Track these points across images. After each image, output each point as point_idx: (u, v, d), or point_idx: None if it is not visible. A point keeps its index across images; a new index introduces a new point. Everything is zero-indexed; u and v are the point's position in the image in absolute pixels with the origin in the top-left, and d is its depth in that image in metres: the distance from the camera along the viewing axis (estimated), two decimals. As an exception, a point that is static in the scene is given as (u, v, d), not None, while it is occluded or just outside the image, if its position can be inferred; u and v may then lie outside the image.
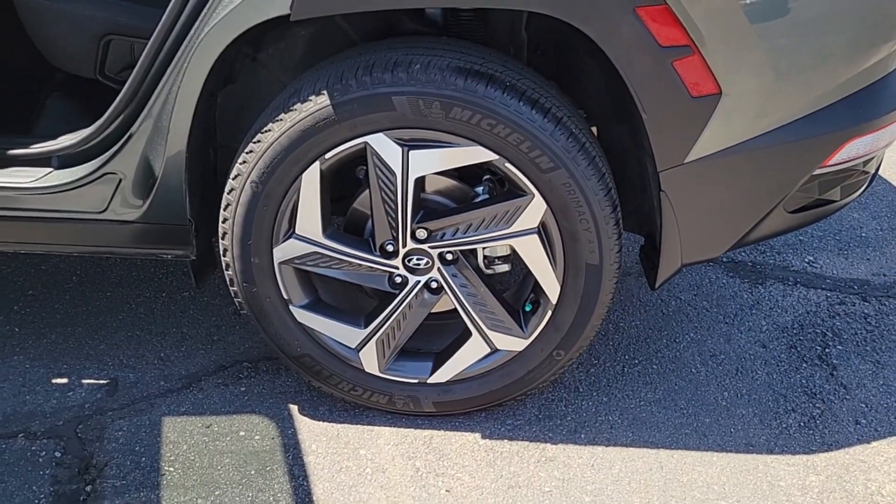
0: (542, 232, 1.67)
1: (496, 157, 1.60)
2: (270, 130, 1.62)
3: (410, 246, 1.71)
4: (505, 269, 1.76)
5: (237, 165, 1.67)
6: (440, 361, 1.83)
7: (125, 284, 2.28)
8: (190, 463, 1.76)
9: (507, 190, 1.71)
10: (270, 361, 2.03)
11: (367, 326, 1.79)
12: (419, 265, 1.73)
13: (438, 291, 1.76)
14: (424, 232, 1.69)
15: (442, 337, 1.87)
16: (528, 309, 1.79)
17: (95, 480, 1.72)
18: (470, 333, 1.79)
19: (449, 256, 1.72)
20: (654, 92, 1.52)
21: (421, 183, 1.66)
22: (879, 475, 1.76)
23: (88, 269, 2.32)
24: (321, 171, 1.64)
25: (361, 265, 1.74)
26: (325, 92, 1.57)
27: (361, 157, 1.65)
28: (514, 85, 1.58)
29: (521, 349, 1.79)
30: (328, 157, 1.63)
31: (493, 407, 1.89)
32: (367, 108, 1.57)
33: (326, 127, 1.59)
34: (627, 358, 2.07)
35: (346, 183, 1.77)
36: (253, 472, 1.75)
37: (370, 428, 1.86)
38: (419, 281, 1.75)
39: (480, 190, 1.73)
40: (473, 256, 1.75)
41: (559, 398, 1.94)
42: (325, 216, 1.69)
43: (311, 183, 1.65)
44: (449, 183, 1.72)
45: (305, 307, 1.79)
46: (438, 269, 1.73)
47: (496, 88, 1.56)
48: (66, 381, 1.97)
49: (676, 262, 1.71)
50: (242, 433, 1.84)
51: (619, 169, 1.77)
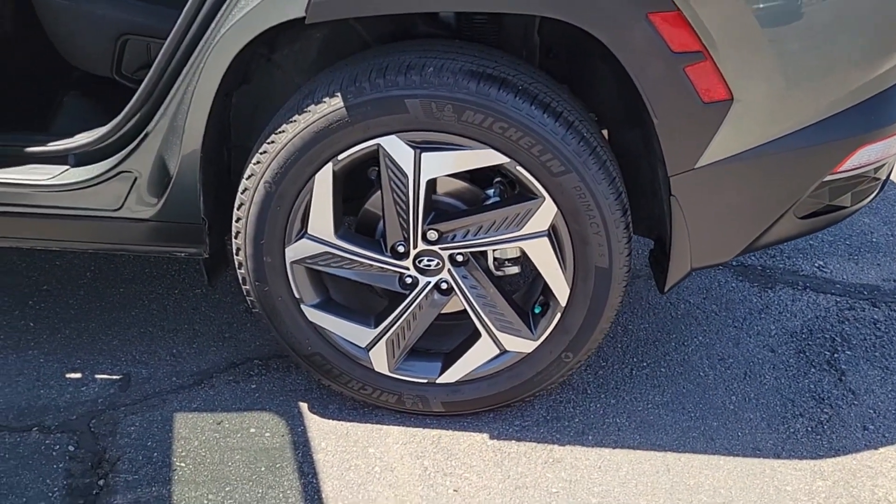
0: (552, 235, 1.68)
1: (507, 160, 1.61)
2: (284, 131, 1.64)
3: (421, 247, 1.72)
4: (515, 271, 1.77)
5: (251, 166, 1.69)
6: (449, 362, 1.84)
7: (138, 281, 2.30)
8: (201, 459, 1.78)
9: (517, 193, 1.73)
10: (281, 359, 2.05)
11: (377, 326, 1.81)
12: (430, 266, 1.74)
13: (448, 292, 1.77)
14: (435, 233, 1.71)
15: (451, 337, 1.89)
16: (537, 311, 1.80)
17: (108, 475, 1.74)
18: (479, 335, 1.80)
19: (459, 258, 1.74)
20: (665, 97, 1.53)
21: (432, 185, 1.68)
22: (886, 481, 1.77)
23: (102, 265, 2.34)
24: (334, 172, 1.66)
25: (372, 265, 1.75)
26: (338, 94, 1.59)
27: (374, 158, 1.66)
28: (526, 89, 1.59)
29: (529, 351, 1.80)
30: (341, 158, 1.64)
31: (501, 408, 1.90)
32: (380, 110, 1.58)
33: (340, 129, 1.61)
34: (636, 360, 2.07)
35: (357, 184, 1.79)
36: (263, 468, 1.77)
37: (379, 427, 1.88)
38: (429, 282, 1.76)
39: (491, 192, 1.74)
40: (484, 258, 1.76)
41: (567, 400, 1.95)
42: (337, 217, 1.71)
43: (323, 184, 1.67)
44: (460, 185, 1.74)
45: (316, 306, 1.81)
46: (449, 270, 1.75)
47: (508, 92, 1.57)
48: (79, 375, 2.00)
49: (686, 266, 1.72)
50: (253, 430, 1.86)
51: (629, 173, 1.77)
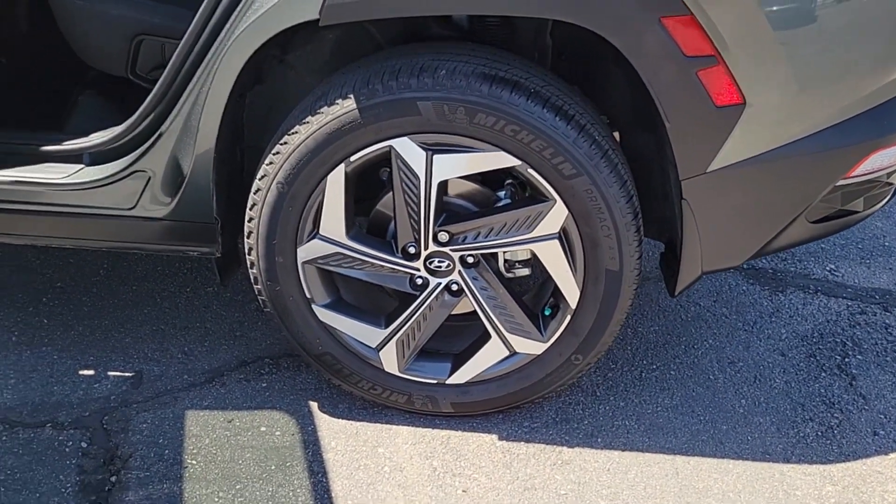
0: (562, 237, 1.69)
1: (519, 162, 1.62)
2: (297, 133, 1.65)
3: (432, 248, 1.73)
4: (525, 272, 1.77)
5: (264, 166, 1.70)
6: (459, 363, 1.85)
7: (150, 279, 2.32)
8: (212, 456, 1.80)
9: (528, 195, 1.73)
10: (291, 358, 2.06)
11: (387, 326, 1.82)
12: (440, 267, 1.75)
13: (459, 294, 1.78)
14: (446, 235, 1.71)
15: (461, 338, 1.89)
16: (547, 313, 1.81)
17: (120, 471, 1.76)
18: (489, 336, 1.81)
19: (470, 259, 1.74)
20: (678, 101, 1.53)
21: (444, 187, 1.68)
22: (897, 487, 1.76)
23: (115, 263, 2.36)
24: (346, 173, 1.67)
25: (383, 266, 1.76)
26: (351, 96, 1.59)
27: (385, 159, 1.67)
28: (538, 91, 1.59)
29: (539, 353, 1.81)
30: (353, 159, 1.65)
31: (510, 409, 1.90)
32: (392, 112, 1.59)
33: (352, 130, 1.61)
34: (645, 363, 2.07)
35: (369, 184, 1.79)
36: (273, 467, 1.78)
37: (388, 427, 1.88)
38: (440, 283, 1.77)
39: (502, 194, 1.75)
40: (494, 260, 1.77)
41: (576, 402, 1.96)
42: (348, 217, 1.72)
43: (335, 185, 1.67)
44: (471, 187, 1.74)
45: (327, 306, 1.82)
46: (459, 271, 1.75)
47: (520, 95, 1.57)
48: (92, 372, 2.01)
49: (697, 269, 1.72)
50: (263, 428, 1.87)
51: (641, 175, 1.77)
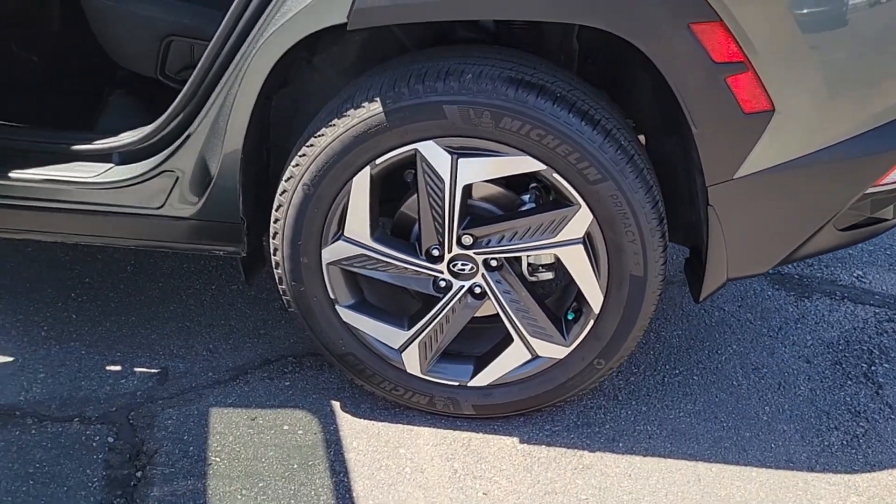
0: (587, 242, 1.68)
1: (544, 167, 1.62)
2: (323, 135, 1.66)
3: (456, 251, 1.73)
4: (549, 276, 1.77)
5: (290, 168, 1.71)
6: (481, 365, 1.86)
7: (176, 276, 2.34)
8: (235, 454, 1.82)
9: (553, 199, 1.73)
10: (314, 357, 2.08)
11: (410, 328, 1.83)
12: (464, 270, 1.75)
13: (482, 297, 1.78)
14: (470, 238, 1.72)
15: (483, 341, 1.90)
16: (570, 317, 1.80)
17: (146, 467, 1.78)
18: (511, 339, 1.81)
19: (493, 263, 1.75)
20: (705, 107, 1.52)
21: (468, 190, 1.69)
22: (923, 499, 1.74)
23: (142, 260, 2.39)
24: (371, 175, 1.67)
25: (407, 268, 1.77)
26: (377, 99, 1.60)
27: (411, 161, 1.68)
28: (564, 96, 1.59)
29: (561, 357, 1.80)
30: (378, 162, 1.66)
31: (531, 412, 1.91)
32: (418, 116, 1.60)
33: (378, 133, 1.62)
34: (668, 368, 2.07)
35: (393, 186, 1.80)
36: (296, 465, 1.79)
37: (410, 427, 1.89)
38: (463, 286, 1.77)
39: (527, 198, 1.75)
40: (518, 263, 1.77)
41: (598, 406, 1.95)
42: (373, 219, 1.73)
43: (361, 187, 1.68)
44: (496, 190, 1.74)
45: (351, 307, 1.83)
46: (483, 274, 1.75)
47: (546, 99, 1.57)
48: (119, 368, 2.04)
49: (722, 276, 1.71)
50: (286, 427, 1.89)
51: (667, 179, 1.77)
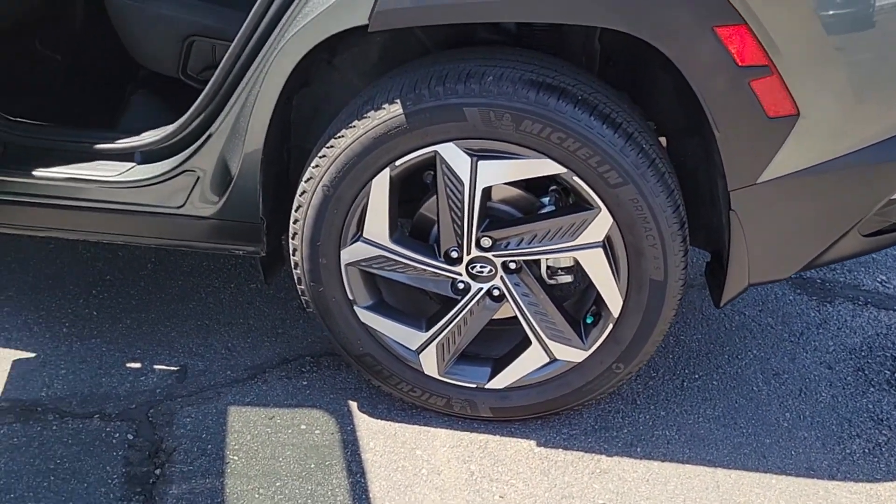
0: (606, 246, 1.67)
1: (564, 170, 1.61)
2: (343, 136, 1.66)
3: (474, 254, 1.73)
4: (567, 280, 1.76)
5: (309, 169, 1.72)
6: (499, 367, 1.85)
7: (196, 274, 2.36)
8: (253, 453, 1.82)
9: (573, 202, 1.72)
10: (332, 357, 2.08)
11: (428, 330, 1.82)
12: (482, 273, 1.75)
13: (500, 299, 1.78)
14: (489, 240, 1.71)
15: (501, 343, 1.89)
16: (588, 321, 1.79)
17: (164, 464, 1.80)
18: (529, 342, 1.80)
19: (512, 265, 1.74)
20: (729, 111, 1.50)
21: (488, 192, 1.68)
22: (946, 509, 1.72)
23: (162, 257, 2.41)
24: (391, 177, 1.67)
25: (425, 270, 1.77)
26: (398, 101, 1.60)
27: (430, 163, 1.67)
28: (585, 99, 1.58)
29: (580, 360, 1.80)
30: (398, 164, 1.66)
31: (549, 415, 1.90)
32: (438, 118, 1.59)
33: (398, 135, 1.62)
34: (687, 372, 2.05)
35: (412, 186, 1.80)
36: (313, 465, 1.80)
37: (427, 429, 1.89)
38: (481, 288, 1.77)
39: (546, 200, 1.74)
40: (536, 266, 1.76)
41: (616, 410, 1.94)
42: (392, 221, 1.73)
43: (380, 188, 1.68)
44: (515, 192, 1.74)
45: (369, 308, 1.83)
46: (501, 277, 1.75)
47: (567, 102, 1.56)
48: (139, 365, 2.06)
49: (743, 281, 1.69)
50: (304, 427, 1.89)
51: (688, 182, 1.75)
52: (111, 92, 2.23)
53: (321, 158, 1.69)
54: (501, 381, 1.84)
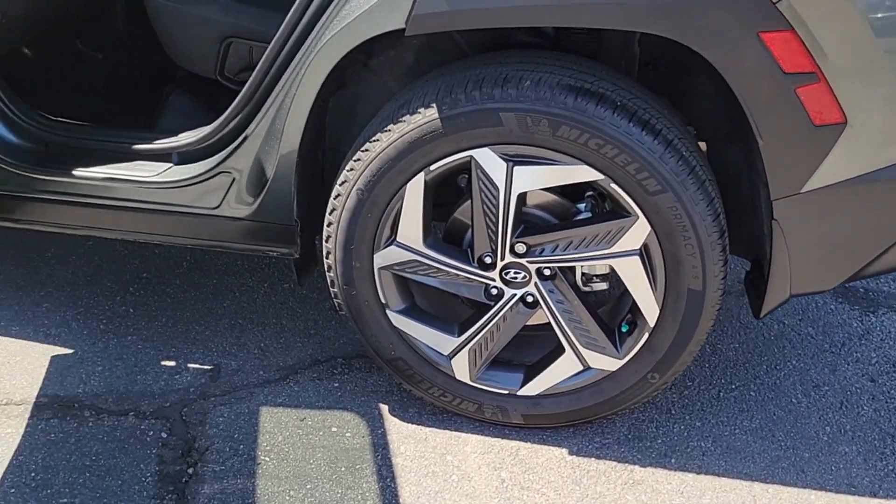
0: (643, 254, 1.64)
1: (602, 177, 1.58)
2: (378, 140, 1.65)
3: (508, 259, 1.71)
4: (603, 287, 1.74)
5: (344, 172, 1.71)
6: (531, 374, 1.83)
7: (230, 273, 2.38)
8: (284, 454, 1.83)
9: (610, 209, 1.69)
10: (363, 359, 2.08)
11: (460, 335, 1.81)
12: (516, 279, 1.73)
13: (534, 306, 1.76)
14: (524, 246, 1.69)
15: (534, 349, 1.87)
16: (624, 329, 1.77)
17: (197, 464, 1.81)
18: (563, 349, 1.78)
19: (547, 272, 1.72)
20: (773, 119, 1.46)
21: (523, 198, 1.66)
22: None
23: (197, 256, 2.43)
24: (425, 181, 1.66)
25: (459, 275, 1.75)
26: (434, 105, 1.59)
27: (465, 167, 1.66)
28: (624, 105, 1.55)
29: (614, 369, 1.77)
30: (433, 168, 1.65)
31: (581, 423, 1.87)
32: (474, 122, 1.58)
33: (433, 139, 1.61)
34: (724, 382, 2.01)
35: (446, 190, 1.79)
36: (343, 468, 1.80)
37: (457, 434, 1.88)
38: (515, 294, 1.75)
39: (582, 207, 1.71)
40: (571, 273, 1.74)
41: (650, 419, 1.91)
42: (426, 225, 1.72)
43: (414, 193, 1.67)
44: (551, 198, 1.71)
45: (402, 312, 1.82)
46: (535, 283, 1.73)
47: (606, 108, 1.54)
48: (173, 364, 2.08)
49: (785, 292, 1.65)
50: (335, 429, 1.89)
51: (728, 189, 1.71)
52: (149, 92, 2.25)
53: (356, 162, 1.69)
54: (534, 388, 1.83)
